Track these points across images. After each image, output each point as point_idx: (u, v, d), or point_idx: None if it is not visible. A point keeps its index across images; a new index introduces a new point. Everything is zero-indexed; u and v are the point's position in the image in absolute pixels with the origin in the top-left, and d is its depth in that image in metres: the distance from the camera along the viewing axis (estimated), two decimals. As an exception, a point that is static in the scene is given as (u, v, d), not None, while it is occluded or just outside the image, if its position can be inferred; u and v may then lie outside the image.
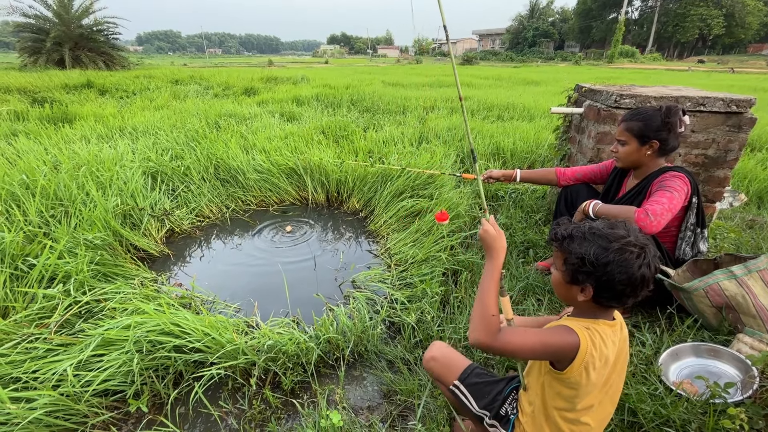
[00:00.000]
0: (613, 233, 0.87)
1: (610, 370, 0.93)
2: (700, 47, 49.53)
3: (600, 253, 0.86)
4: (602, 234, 0.88)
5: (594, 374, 0.88)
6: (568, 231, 0.93)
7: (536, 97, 8.14)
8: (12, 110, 5.62)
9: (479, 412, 1.11)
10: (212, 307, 2.06)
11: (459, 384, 1.14)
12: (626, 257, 0.84)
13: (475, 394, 1.12)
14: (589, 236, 0.89)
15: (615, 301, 0.89)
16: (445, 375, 1.17)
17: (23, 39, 16.14)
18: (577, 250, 0.89)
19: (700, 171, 2.23)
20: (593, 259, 0.86)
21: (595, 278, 0.87)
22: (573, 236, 0.91)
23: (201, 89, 9.33)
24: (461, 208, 2.79)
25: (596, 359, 0.88)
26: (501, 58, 49.06)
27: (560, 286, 0.97)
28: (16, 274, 1.92)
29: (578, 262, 0.88)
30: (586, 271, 0.87)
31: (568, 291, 0.94)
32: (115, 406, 1.50)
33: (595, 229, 0.89)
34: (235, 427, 1.44)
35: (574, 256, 0.89)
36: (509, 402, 1.11)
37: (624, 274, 0.84)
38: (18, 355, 1.47)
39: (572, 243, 0.90)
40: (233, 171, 3.52)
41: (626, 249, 0.85)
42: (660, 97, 2.09)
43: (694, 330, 1.62)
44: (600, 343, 0.89)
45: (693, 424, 1.20)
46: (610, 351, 0.90)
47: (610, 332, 0.92)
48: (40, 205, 2.40)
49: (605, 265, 0.85)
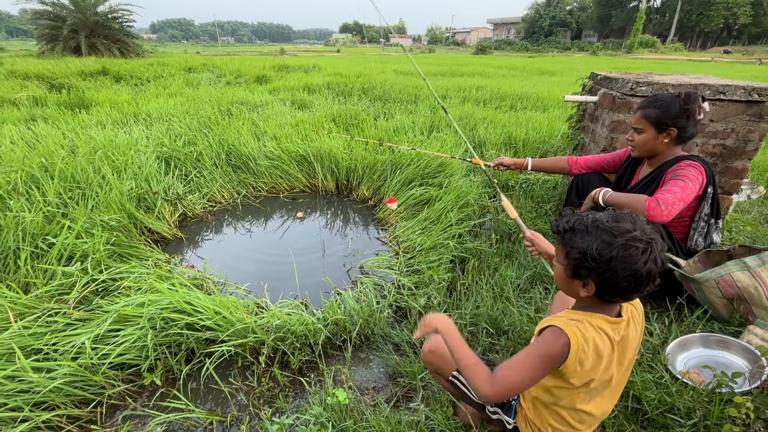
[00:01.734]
0: (617, 227, 0.82)
1: (613, 363, 0.91)
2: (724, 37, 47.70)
3: (603, 248, 0.81)
4: (606, 228, 0.82)
5: (588, 365, 0.87)
6: (571, 223, 0.87)
7: (550, 87, 7.99)
8: (31, 96, 5.75)
9: (480, 400, 1.12)
10: (223, 288, 2.11)
11: (458, 375, 1.14)
12: (631, 253, 0.79)
13: None
14: (592, 230, 0.83)
15: (618, 297, 0.86)
16: (443, 366, 1.16)
17: (41, 26, 16.41)
18: (579, 245, 0.84)
19: (718, 161, 2.17)
20: (596, 254, 0.81)
21: (597, 274, 0.83)
22: (575, 229, 0.86)
23: (213, 77, 9.38)
24: (470, 197, 2.78)
25: (590, 352, 0.86)
26: (515, 47, 48.08)
27: (562, 280, 0.93)
28: (36, 252, 2.00)
29: (580, 257, 0.84)
30: (588, 266, 0.83)
31: (570, 285, 0.91)
32: (130, 379, 1.56)
33: (598, 222, 0.84)
34: (244, 402, 1.49)
35: (576, 251, 0.85)
36: None
37: (628, 270, 0.79)
38: (39, 327, 1.54)
39: (574, 236, 0.86)
40: (245, 157, 3.56)
41: (631, 244, 0.79)
42: (678, 84, 2.03)
43: (703, 321, 1.60)
44: (593, 335, 0.86)
45: (698, 412, 1.19)
46: (605, 344, 0.88)
47: (608, 327, 0.89)
48: (59, 187, 2.46)
49: (608, 261, 0.80)
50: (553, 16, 55.24)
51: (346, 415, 1.32)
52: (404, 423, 1.29)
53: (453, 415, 1.31)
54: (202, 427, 1.41)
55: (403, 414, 1.33)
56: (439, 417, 1.28)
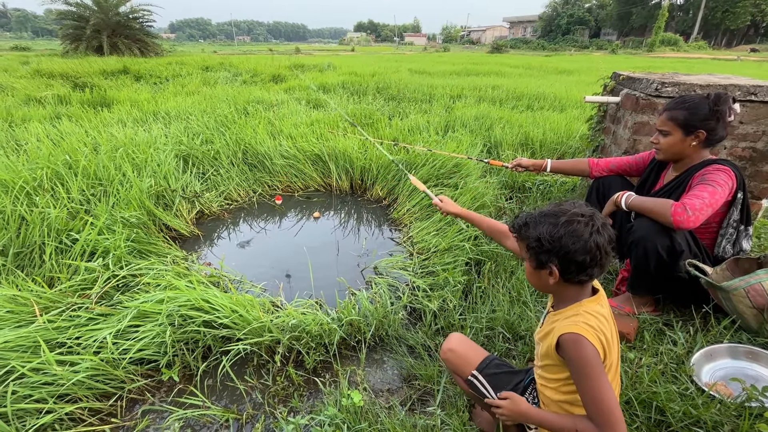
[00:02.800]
0: (560, 209, 0.92)
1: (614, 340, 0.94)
2: (751, 35, 46.03)
3: (551, 229, 0.90)
4: (550, 212, 0.93)
5: (608, 349, 0.90)
6: (523, 219, 0.98)
7: (568, 87, 7.84)
8: (56, 94, 5.92)
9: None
10: (239, 286, 2.13)
11: (477, 374, 1.14)
12: (575, 227, 0.88)
13: (494, 384, 1.12)
14: (540, 218, 0.94)
15: (582, 274, 0.91)
16: (462, 366, 1.17)
17: (65, 27, 16.90)
18: (533, 234, 0.93)
19: (747, 165, 2.10)
20: (547, 236, 0.90)
21: (555, 254, 0.91)
22: (527, 223, 0.96)
23: (230, 76, 9.51)
24: (487, 198, 2.75)
25: (604, 338, 0.90)
26: (532, 46, 47.37)
27: (531, 276, 1.00)
28: (60, 247, 2.05)
29: (537, 244, 0.93)
30: (545, 250, 0.91)
31: (539, 278, 0.97)
32: (149, 374, 1.59)
33: (544, 211, 0.95)
34: (259, 401, 1.50)
35: (532, 240, 0.94)
36: (529, 392, 1.10)
37: (578, 243, 0.88)
38: (63, 321, 1.58)
39: (528, 229, 0.95)
40: (260, 156, 3.59)
41: (573, 219, 0.89)
42: (706, 85, 1.97)
43: (731, 331, 1.54)
44: (595, 321, 0.90)
45: (725, 426, 1.15)
46: (606, 324, 0.92)
47: (599, 307, 0.94)
48: (82, 184, 2.53)
49: (559, 239, 0.89)
50: (571, 14, 54.20)
51: (361, 417, 1.32)
52: (419, 427, 1.28)
53: (469, 420, 1.29)
54: (218, 424, 1.42)
55: (418, 418, 1.32)
56: (455, 422, 1.27)
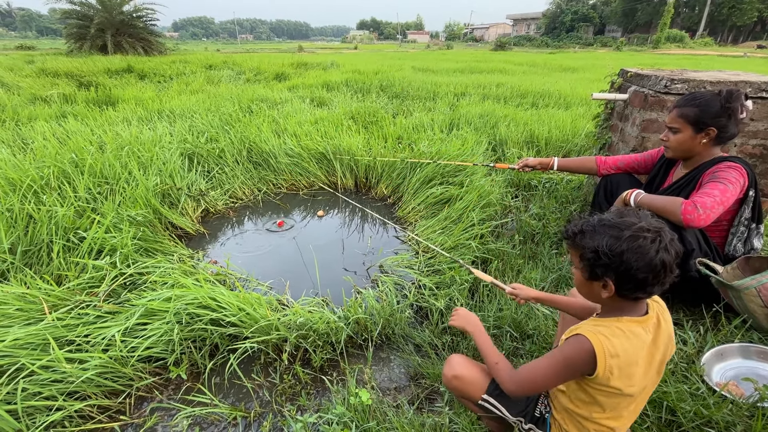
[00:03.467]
0: (623, 221, 0.85)
1: (646, 367, 0.88)
2: (758, 31, 45.49)
3: (613, 243, 0.83)
4: (612, 224, 0.85)
5: (620, 372, 0.85)
6: (579, 227, 0.91)
7: (573, 84, 7.78)
8: (61, 93, 5.95)
9: (514, 420, 1.09)
10: (246, 284, 2.13)
11: (488, 398, 1.10)
12: (641, 243, 0.81)
13: (507, 404, 1.09)
14: (599, 228, 0.86)
15: (640, 291, 0.85)
16: (470, 392, 1.12)
17: (69, 26, 16.95)
18: (590, 244, 0.87)
19: (758, 163, 2.07)
20: (607, 249, 0.84)
21: (613, 270, 0.85)
22: (584, 231, 0.89)
23: (234, 74, 9.51)
24: (492, 197, 2.74)
25: (619, 359, 0.84)
26: (535, 43, 47.07)
27: (582, 285, 0.94)
28: (68, 245, 2.06)
29: (593, 255, 0.86)
30: (602, 263, 0.85)
31: (591, 289, 0.92)
32: (157, 372, 1.59)
33: (605, 221, 0.87)
34: (267, 399, 1.50)
35: (588, 251, 0.87)
36: (541, 401, 1.09)
37: (641, 261, 0.81)
38: (72, 319, 1.58)
39: (584, 238, 0.88)
40: (265, 154, 3.59)
41: (639, 235, 0.82)
42: (716, 82, 1.94)
43: (742, 330, 1.53)
44: (622, 341, 0.85)
45: (738, 426, 1.14)
46: (637, 347, 0.86)
47: (639, 328, 0.88)
48: (88, 183, 2.54)
49: (620, 255, 0.82)
50: (575, 11, 53.75)
51: (369, 416, 1.32)
52: (428, 426, 1.27)
53: (478, 420, 1.29)
54: (226, 422, 1.42)
55: (426, 416, 1.32)
56: (463, 421, 1.26)
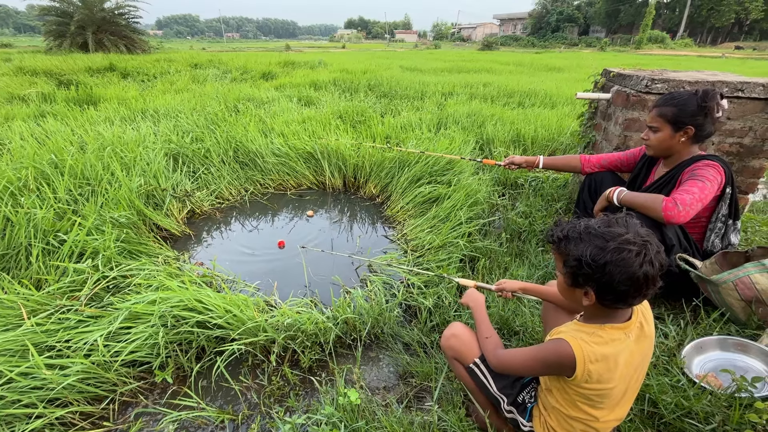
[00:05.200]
0: (609, 231, 0.82)
1: (628, 370, 0.90)
2: (735, 33, 46.85)
3: (597, 253, 0.81)
4: (598, 233, 0.83)
5: (599, 377, 0.87)
6: (564, 232, 0.89)
7: (559, 84, 7.90)
8: (40, 92, 5.78)
9: (497, 393, 1.11)
10: (233, 285, 2.11)
11: (479, 362, 1.14)
12: (624, 256, 0.79)
13: (495, 376, 1.12)
14: (585, 236, 0.84)
15: (620, 302, 0.85)
16: (465, 353, 1.16)
17: (48, 23, 16.47)
18: (574, 252, 0.85)
19: (734, 160, 2.13)
20: (590, 260, 0.82)
21: (594, 280, 0.83)
22: (569, 237, 0.87)
23: (220, 73, 9.38)
24: (480, 195, 2.76)
25: (598, 364, 0.86)
26: (522, 43, 47.60)
27: (564, 290, 0.94)
28: (47, 248, 2.00)
29: (576, 264, 0.85)
30: (585, 273, 0.83)
31: (573, 295, 0.91)
32: (141, 376, 1.56)
33: (591, 228, 0.85)
34: (255, 401, 1.49)
35: (571, 258, 0.86)
36: (528, 390, 1.10)
37: (624, 274, 0.80)
38: (52, 324, 1.54)
39: (569, 244, 0.87)
40: (252, 154, 3.55)
41: (624, 248, 0.80)
42: (695, 81, 1.99)
43: (720, 323, 1.57)
44: (601, 349, 0.86)
45: (716, 417, 1.17)
46: (617, 353, 0.87)
47: (621, 333, 0.89)
48: (69, 184, 2.47)
49: (603, 266, 0.81)
50: (561, 12, 54.56)
51: (358, 416, 1.32)
52: (417, 424, 1.28)
53: (466, 416, 1.30)
54: (213, 425, 1.41)
55: (415, 415, 1.32)
56: (452, 418, 1.27)
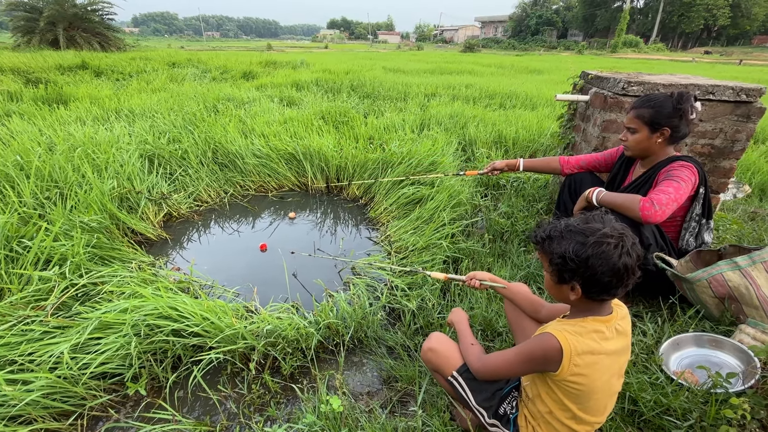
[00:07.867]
0: (588, 228, 0.89)
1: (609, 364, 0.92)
2: (704, 38, 48.91)
3: (578, 248, 0.87)
4: (578, 230, 0.89)
5: (586, 369, 0.89)
6: (547, 232, 0.94)
7: (539, 86, 8.04)
8: (5, 90, 5.51)
9: (476, 407, 1.10)
10: (211, 291, 2.04)
11: (457, 376, 1.13)
12: (604, 249, 0.85)
13: (474, 389, 1.11)
14: (566, 234, 0.90)
15: (605, 293, 0.90)
16: (443, 365, 1.16)
17: (16, 18, 15.77)
18: (557, 250, 0.90)
19: (706, 161, 2.20)
20: (573, 255, 0.87)
21: (579, 274, 0.89)
22: (552, 236, 0.93)
23: (199, 72, 9.17)
24: (463, 196, 2.77)
25: (585, 356, 0.89)
26: (503, 46, 48.47)
27: (552, 288, 0.98)
28: (11, 255, 1.89)
29: (560, 261, 0.90)
30: (570, 268, 0.89)
31: (560, 291, 0.96)
32: (113, 389, 1.49)
33: (571, 226, 0.91)
34: (234, 411, 1.44)
35: (556, 256, 0.91)
36: (508, 401, 1.10)
37: (605, 266, 0.85)
38: (14, 337, 1.45)
39: (552, 243, 0.92)
40: (232, 155, 3.47)
41: (603, 241, 0.86)
42: (669, 84, 2.04)
43: (695, 320, 1.61)
44: (588, 341, 0.89)
45: (694, 413, 1.20)
46: (603, 345, 0.91)
47: (602, 326, 0.93)
48: (35, 187, 2.35)
49: (586, 260, 0.86)
50: (540, 15, 55.79)
51: (340, 423, 1.29)
52: (401, 429, 1.26)
53: (450, 420, 1.28)
54: (189, 437, 1.35)
55: (399, 420, 1.30)
56: (436, 422, 1.26)
